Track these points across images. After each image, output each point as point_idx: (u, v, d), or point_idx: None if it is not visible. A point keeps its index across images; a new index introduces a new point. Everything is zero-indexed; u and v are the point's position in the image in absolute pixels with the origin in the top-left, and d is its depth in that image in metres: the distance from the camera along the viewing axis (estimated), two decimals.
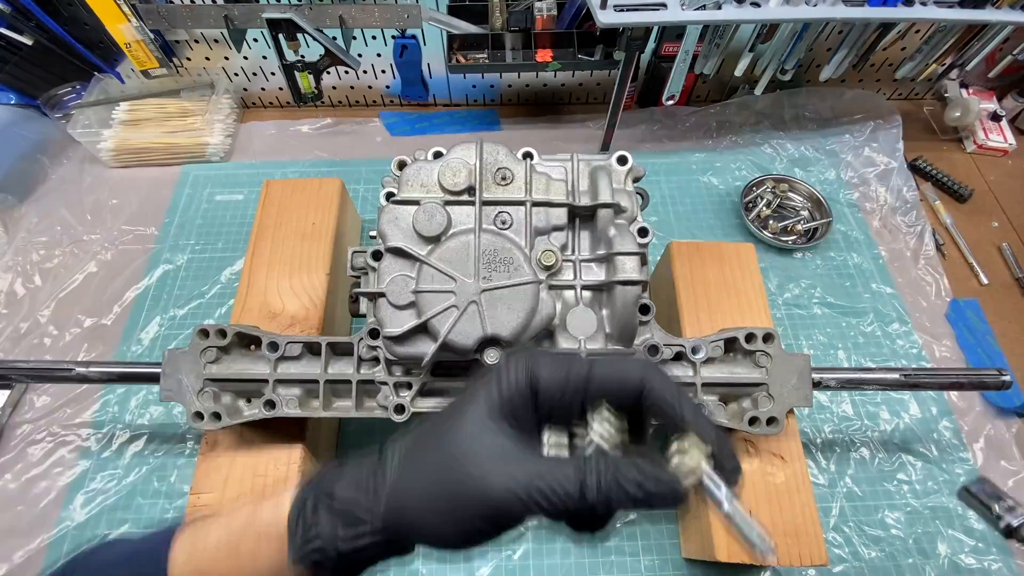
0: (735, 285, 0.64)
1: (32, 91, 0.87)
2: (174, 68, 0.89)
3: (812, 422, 0.70)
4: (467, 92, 0.97)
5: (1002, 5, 0.73)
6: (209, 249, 0.82)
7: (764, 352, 0.53)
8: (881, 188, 0.90)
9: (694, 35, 0.73)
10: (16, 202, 0.85)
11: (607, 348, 0.49)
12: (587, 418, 0.29)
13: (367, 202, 0.87)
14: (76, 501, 0.63)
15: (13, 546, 0.61)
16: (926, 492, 0.66)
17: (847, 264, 0.83)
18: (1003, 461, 0.68)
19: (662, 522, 0.64)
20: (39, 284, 0.79)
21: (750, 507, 0.54)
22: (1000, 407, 0.71)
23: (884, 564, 0.62)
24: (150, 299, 0.77)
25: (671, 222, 0.86)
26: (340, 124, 0.96)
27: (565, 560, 0.61)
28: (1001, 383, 0.55)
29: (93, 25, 0.80)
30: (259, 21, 0.75)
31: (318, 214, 0.69)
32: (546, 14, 0.80)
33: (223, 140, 0.90)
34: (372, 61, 0.90)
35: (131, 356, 0.73)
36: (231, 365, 0.54)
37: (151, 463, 0.66)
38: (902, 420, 0.71)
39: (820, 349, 0.75)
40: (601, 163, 0.53)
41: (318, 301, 0.63)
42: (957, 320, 0.78)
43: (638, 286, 0.47)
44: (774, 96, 0.96)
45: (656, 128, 0.96)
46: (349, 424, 0.69)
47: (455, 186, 0.50)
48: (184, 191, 0.88)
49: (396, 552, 0.30)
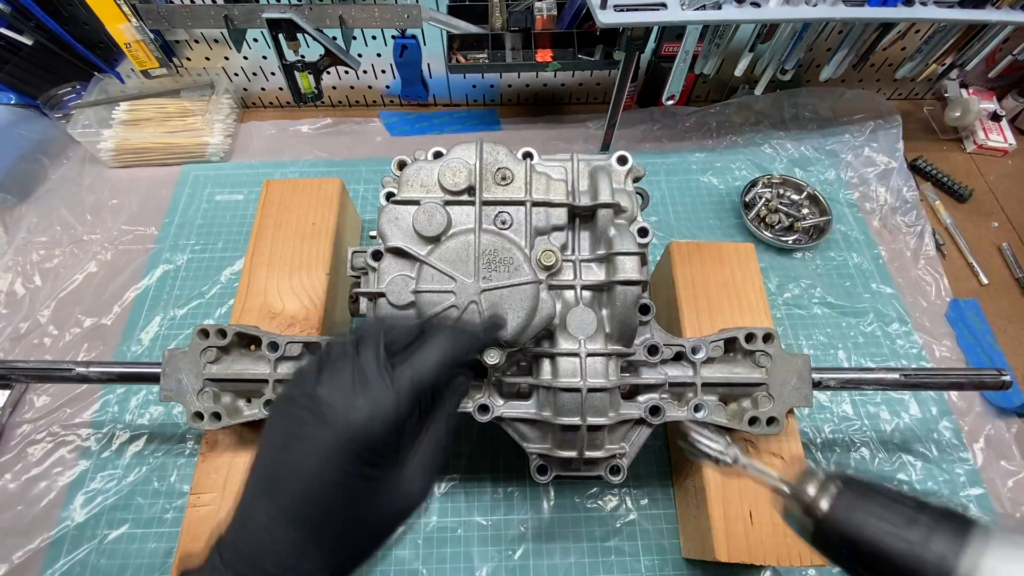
0: (735, 285, 0.64)
1: (32, 91, 0.87)
2: (174, 68, 0.89)
3: (812, 422, 0.70)
4: (467, 92, 0.97)
5: (1002, 5, 0.73)
6: (209, 249, 0.82)
7: (764, 352, 0.53)
8: (881, 188, 0.90)
9: (694, 35, 0.73)
10: (16, 202, 0.85)
11: (607, 348, 0.49)
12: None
13: (367, 202, 0.87)
14: (76, 501, 0.63)
15: (13, 546, 0.61)
16: (926, 492, 0.66)
17: (847, 264, 0.83)
18: (1003, 461, 0.68)
19: (662, 522, 0.64)
20: (39, 284, 0.79)
21: (751, 508, 0.54)
22: (1000, 407, 0.71)
23: None
24: (150, 299, 0.77)
25: (671, 222, 0.86)
26: (340, 124, 0.96)
27: (565, 560, 0.61)
28: (1001, 383, 0.55)
29: (93, 25, 0.80)
30: (259, 21, 0.76)
31: (318, 214, 0.69)
32: (546, 14, 0.80)
33: (223, 140, 0.90)
34: (372, 61, 0.90)
35: (131, 356, 0.73)
36: (231, 365, 0.54)
37: (151, 463, 0.66)
38: (902, 420, 0.71)
39: (820, 349, 0.75)
40: (601, 163, 0.53)
41: (318, 301, 0.63)
42: (957, 320, 0.78)
43: (638, 286, 0.47)
44: (774, 96, 0.96)
45: (656, 128, 0.96)
46: None
47: (455, 186, 0.50)
48: (184, 191, 0.88)
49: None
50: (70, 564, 0.60)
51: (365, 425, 0.28)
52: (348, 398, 0.28)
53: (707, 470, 0.56)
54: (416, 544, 0.62)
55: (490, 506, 0.64)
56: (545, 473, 0.51)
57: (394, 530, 0.30)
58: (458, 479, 0.66)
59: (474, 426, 0.51)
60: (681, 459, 0.64)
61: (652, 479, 0.66)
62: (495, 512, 0.64)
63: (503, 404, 0.51)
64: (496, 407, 0.51)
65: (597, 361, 0.48)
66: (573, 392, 0.48)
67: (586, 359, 0.48)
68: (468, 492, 0.65)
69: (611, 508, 0.64)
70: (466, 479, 0.66)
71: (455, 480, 0.66)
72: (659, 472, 0.66)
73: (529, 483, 0.65)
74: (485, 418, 0.50)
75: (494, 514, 0.64)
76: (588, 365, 0.48)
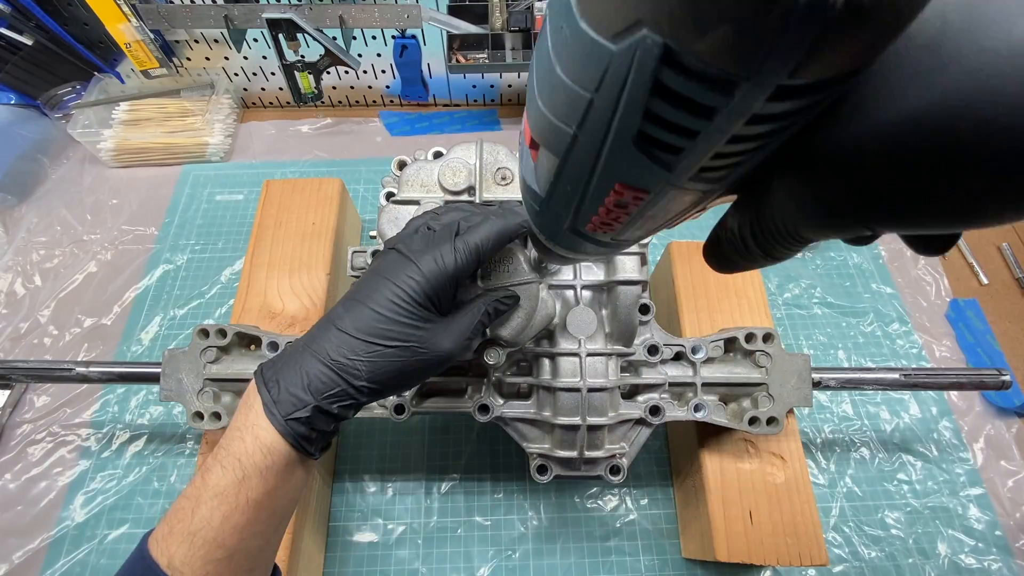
0: (735, 285, 0.64)
1: (32, 91, 0.87)
2: (174, 68, 0.89)
3: (812, 422, 0.70)
4: (467, 92, 0.97)
5: None
6: (209, 249, 0.82)
7: (764, 352, 0.53)
8: None
9: None
10: (16, 202, 0.85)
11: (607, 348, 0.49)
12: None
13: (367, 202, 0.87)
14: (76, 501, 0.63)
15: (13, 546, 0.61)
16: (926, 492, 0.66)
17: (847, 264, 0.83)
18: (1003, 461, 0.68)
19: (662, 522, 0.64)
20: (39, 284, 0.79)
21: (751, 508, 0.54)
22: (1000, 407, 0.71)
23: (884, 564, 0.62)
24: (150, 299, 0.77)
25: None
26: (340, 124, 0.96)
27: (565, 560, 0.61)
28: (1001, 383, 0.55)
29: (93, 25, 0.80)
30: (259, 21, 0.76)
31: (318, 214, 0.69)
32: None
33: (223, 140, 0.90)
34: (372, 61, 0.90)
35: (131, 356, 0.73)
36: (231, 365, 0.54)
37: (151, 463, 0.66)
38: (902, 420, 0.71)
39: (820, 349, 0.75)
40: None
41: (318, 301, 0.63)
42: (957, 320, 0.78)
43: (638, 286, 0.47)
44: None
45: None
46: (349, 424, 0.69)
47: (455, 186, 0.50)
48: (184, 191, 0.88)
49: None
50: (70, 564, 0.60)
51: (432, 272, 0.36)
52: (425, 252, 0.37)
53: (707, 470, 0.56)
54: (416, 544, 0.62)
55: (490, 506, 0.64)
56: (545, 473, 0.51)
57: (420, 372, 0.37)
58: (458, 479, 0.66)
59: (474, 426, 0.51)
60: (681, 459, 0.64)
61: (652, 479, 0.66)
62: (495, 512, 0.64)
63: (503, 404, 0.51)
64: (496, 407, 0.51)
65: (597, 361, 0.48)
66: (573, 392, 0.48)
67: (586, 359, 0.48)
68: (468, 492, 0.65)
69: (611, 508, 0.64)
70: (466, 479, 0.66)
71: (455, 480, 0.66)
72: (659, 472, 0.66)
73: (529, 483, 0.65)
74: (485, 418, 0.50)
75: (494, 514, 0.64)
76: (588, 365, 0.48)
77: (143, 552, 0.33)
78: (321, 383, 0.34)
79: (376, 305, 0.35)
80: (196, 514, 0.32)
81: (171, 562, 0.31)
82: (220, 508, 0.32)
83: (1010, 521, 0.65)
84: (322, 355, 0.34)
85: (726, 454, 0.56)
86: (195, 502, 0.32)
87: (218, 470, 0.33)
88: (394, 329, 0.35)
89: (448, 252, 0.37)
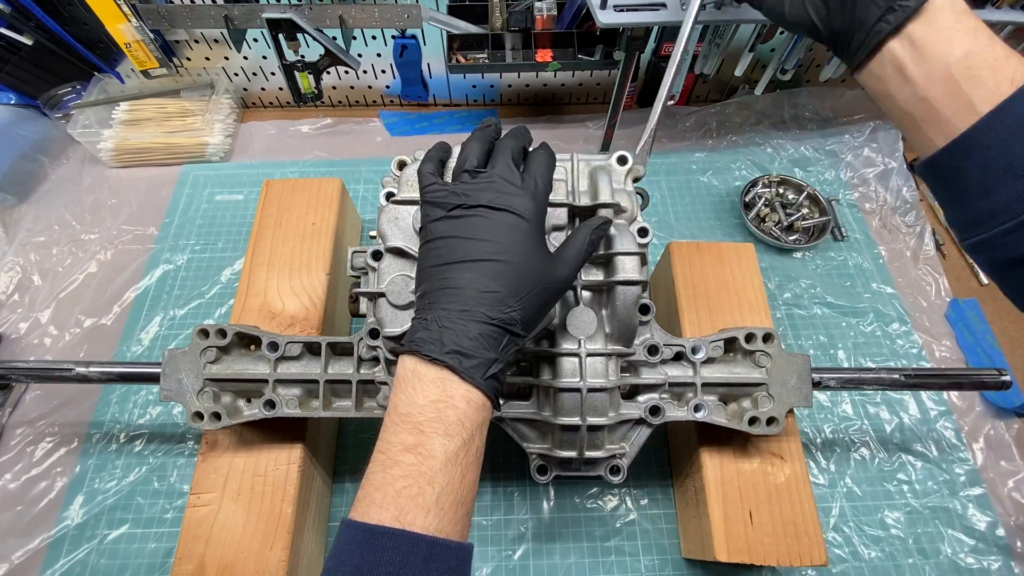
0: (735, 285, 0.64)
1: (32, 91, 0.87)
2: (174, 68, 0.89)
3: (812, 422, 0.70)
4: (467, 92, 0.97)
5: (1002, 5, 0.73)
6: (209, 249, 0.82)
7: (764, 352, 0.53)
8: (881, 188, 0.90)
9: (694, 35, 0.73)
10: (16, 202, 0.85)
11: (607, 348, 0.49)
12: None
13: (367, 202, 0.87)
14: (76, 501, 0.63)
15: (13, 546, 0.61)
16: (926, 492, 0.66)
17: (847, 264, 0.83)
18: (1003, 461, 0.68)
19: (662, 522, 0.64)
20: (39, 284, 0.79)
21: (751, 508, 0.54)
22: (1000, 407, 0.71)
23: (884, 564, 0.62)
24: (150, 299, 0.77)
25: (671, 222, 0.86)
26: (340, 124, 0.96)
27: (565, 560, 0.61)
28: (1001, 383, 0.55)
29: (93, 25, 0.80)
30: (259, 21, 0.76)
31: (318, 214, 0.69)
32: (546, 14, 0.80)
33: (223, 140, 0.90)
34: (372, 61, 0.90)
35: (131, 356, 0.73)
36: (231, 365, 0.54)
37: (151, 463, 0.66)
38: (902, 420, 0.71)
39: (820, 349, 0.75)
40: (601, 163, 0.53)
41: (318, 301, 0.63)
42: (957, 320, 0.78)
43: (638, 286, 0.47)
44: (774, 96, 0.96)
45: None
46: (349, 424, 0.70)
47: None
48: (184, 191, 0.88)
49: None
50: (70, 564, 0.60)
51: (526, 208, 0.40)
52: (513, 196, 0.40)
53: (707, 470, 0.56)
54: None
55: (490, 506, 0.64)
56: (545, 473, 0.51)
57: (551, 303, 0.41)
58: None
59: None
60: (681, 459, 0.64)
61: (652, 479, 0.66)
62: (495, 512, 0.64)
63: (503, 404, 0.51)
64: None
65: (597, 361, 0.48)
66: (573, 392, 0.48)
67: (586, 359, 0.48)
68: None
69: (611, 508, 0.64)
70: None
71: None
72: (659, 472, 0.66)
73: (529, 483, 0.65)
74: None
75: (494, 514, 0.64)
76: (588, 365, 0.48)
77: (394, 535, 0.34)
78: (494, 339, 0.38)
79: (505, 256, 0.38)
80: (435, 484, 0.34)
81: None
82: (456, 470, 0.36)
83: (1011, 521, 0.65)
84: (481, 317, 0.37)
85: (726, 454, 0.56)
86: (426, 477, 0.35)
87: (440, 440, 0.35)
88: (529, 274, 0.39)
89: (530, 183, 0.40)
